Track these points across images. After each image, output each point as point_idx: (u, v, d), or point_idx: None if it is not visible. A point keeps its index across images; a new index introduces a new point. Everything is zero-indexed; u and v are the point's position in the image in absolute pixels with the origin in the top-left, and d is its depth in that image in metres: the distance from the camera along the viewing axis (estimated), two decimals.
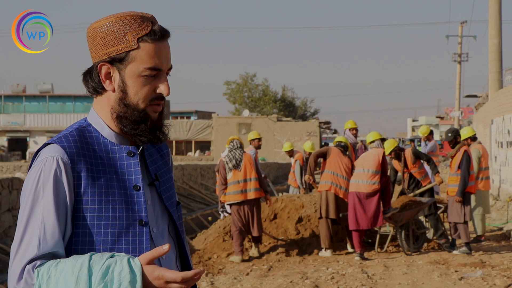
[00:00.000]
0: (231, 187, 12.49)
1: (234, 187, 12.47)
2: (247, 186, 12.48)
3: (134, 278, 2.23)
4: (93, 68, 2.48)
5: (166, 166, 2.70)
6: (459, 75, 52.64)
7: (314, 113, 79.40)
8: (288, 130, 51.11)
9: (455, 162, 12.48)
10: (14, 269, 2.30)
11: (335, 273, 10.95)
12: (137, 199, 2.46)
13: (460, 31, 53.03)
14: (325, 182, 12.95)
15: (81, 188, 2.38)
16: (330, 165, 13.01)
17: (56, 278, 2.23)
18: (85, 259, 2.24)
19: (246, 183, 12.49)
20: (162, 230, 2.57)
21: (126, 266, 2.24)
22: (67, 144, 2.40)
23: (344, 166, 12.89)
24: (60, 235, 2.34)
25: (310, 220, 13.69)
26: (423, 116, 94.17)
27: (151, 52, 2.42)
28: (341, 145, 13.37)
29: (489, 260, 11.81)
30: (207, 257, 12.72)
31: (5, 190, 13.65)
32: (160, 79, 2.46)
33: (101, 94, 2.50)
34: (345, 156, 13.07)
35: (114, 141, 2.50)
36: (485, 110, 28.15)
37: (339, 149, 13.19)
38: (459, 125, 52.15)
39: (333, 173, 12.92)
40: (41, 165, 2.37)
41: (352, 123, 15.49)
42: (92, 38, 2.45)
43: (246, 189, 12.47)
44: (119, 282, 2.21)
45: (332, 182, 12.85)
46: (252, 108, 71.08)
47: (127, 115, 2.45)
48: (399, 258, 12.33)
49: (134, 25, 2.42)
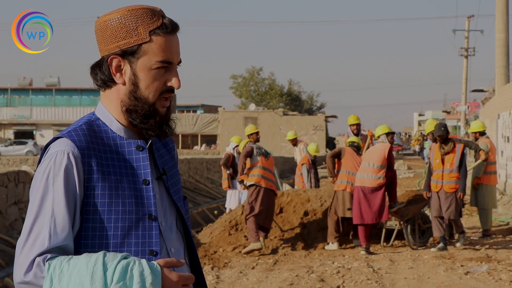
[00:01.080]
0: (259, 170, 12.72)
1: (262, 171, 12.73)
2: (271, 177, 12.84)
3: (155, 280, 2.23)
4: (102, 61, 2.47)
5: (172, 160, 2.70)
6: (466, 70, 52.55)
7: (320, 107, 79.39)
8: (294, 124, 51.11)
9: (451, 158, 12.14)
10: (21, 261, 2.29)
11: (341, 267, 10.95)
12: (146, 193, 2.47)
13: (467, 25, 52.90)
14: (341, 181, 12.98)
15: (92, 182, 2.38)
16: (345, 165, 13.04)
17: (69, 273, 2.21)
18: (99, 256, 2.23)
19: (271, 174, 12.91)
20: (171, 224, 2.58)
21: (147, 267, 2.23)
22: (77, 138, 2.40)
23: (358, 164, 12.90)
24: (70, 229, 2.33)
25: (316, 214, 13.68)
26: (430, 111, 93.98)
27: (163, 45, 2.42)
28: (354, 145, 13.36)
29: (495, 254, 11.79)
30: (212, 250, 12.72)
31: (11, 183, 13.68)
32: (171, 72, 2.47)
33: (110, 87, 2.49)
34: (359, 156, 13.08)
35: (123, 135, 2.50)
36: (491, 104, 28.08)
37: (352, 149, 13.21)
38: (466, 120, 52.03)
39: (348, 172, 12.93)
40: (52, 159, 2.37)
41: (353, 118, 15.38)
42: (102, 31, 2.44)
43: (270, 178, 12.78)
44: (140, 282, 2.21)
45: (348, 181, 12.88)
46: (258, 102, 71.07)
47: (137, 108, 2.45)
48: (405, 252, 12.32)
49: (145, 18, 2.41)
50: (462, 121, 52.61)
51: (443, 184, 12.18)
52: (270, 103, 71.58)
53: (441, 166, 12.22)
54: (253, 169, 12.66)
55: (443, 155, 12.20)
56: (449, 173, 12.18)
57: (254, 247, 12.37)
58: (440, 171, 12.22)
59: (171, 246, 2.53)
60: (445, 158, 12.18)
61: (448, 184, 12.14)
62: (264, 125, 49.90)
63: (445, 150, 12.19)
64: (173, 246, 2.54)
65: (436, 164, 12.27)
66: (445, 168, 12.17)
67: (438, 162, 12.25)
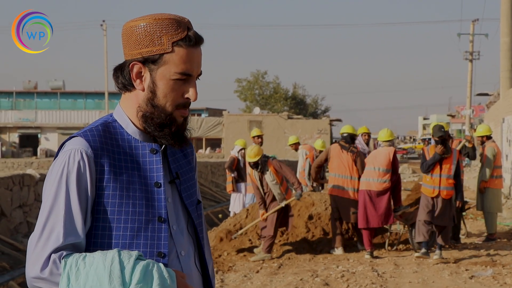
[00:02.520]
0: None
1: None
2: None
3: (173, 284, 2.30)
4: (124, 65, 2.52)
5: (188, 165, 2.73)
6: (471, 73, 52.54)
7: (325, 110, 79.34)
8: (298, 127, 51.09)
9: (448, 163, 11.47)
10: (36, 257, 2.33)
11: (345, 271, 10.93)
12: (158, 196, 2.51)
13: (471, 29, 52.89)
14: (329, 185, 13.05)
15: (103, 182, 2.42)
16: (332, 167, 13.03)
17: (86, 271, 2.25)
18: (114, 254, 2.28)
19: None
20: (182, 227, 2.61)
21: (165, 270, 2.31)
22: (92, 138, 2.45)
23: (345, 163, 12.81)
24: (83, 227, 2.39)
25: (321, 218, 13.68)
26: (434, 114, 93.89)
27: (184, 57, 2.46)
28: (343, 137, 13.19)
29: (500, 259, 11.77)
30: (217, 254, 12.73)
31: (16, 187, 13.70)
32: (190, 84, 2.50)
33: (130, 91, 2.54)
34: (344, 151, 12.91)
35: (138, 138, 2.54)
36: (496, 108, 28.06)
37: (338, 145, 13.06)
38: (470, 123, 51.98)
39: (335, 175, 12.91)
40: (66, 156, 2.42)
41: (364, 128, 15.38)
42: (127, 36, 2.49)
43: None
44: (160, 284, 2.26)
45: (334, 185, 12.85)
46: (263, 105, 71.01)
47: (153, 116, 2.49)
48: (410, 256, 12.30)
49: (170, 29, 2.45)
50: (467, 124, 52.57)
51: (440, 190, 11.48)
52: (275, 106, 71.55)
53: (439, 171, 11.50)
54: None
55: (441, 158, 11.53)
56: (446, 179, 11.52)
57: (264, 258, 12.32)
58: (437, 176, 11.50)
59: (181, 249, 2.57)
60: (443, 162, 11.51)
61: (446, 190, 11.49)
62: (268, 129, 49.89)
63: (445, 154, 11.46)
64: (184, 249, 2.58)
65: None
66: (443, 173, 11.49)
67: (435, 166, 11.56)
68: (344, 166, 12.78)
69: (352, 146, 13.01)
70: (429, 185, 11.55)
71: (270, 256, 12.35)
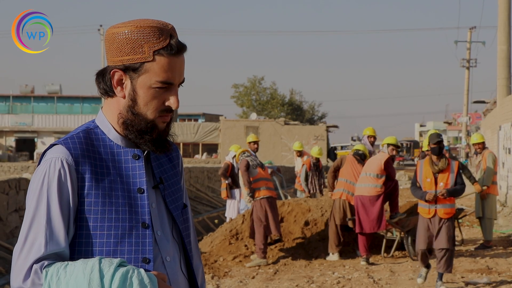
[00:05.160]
0: (262, 182, 12.74)
1: (264, 182, 12.77)
2: (271, 185, 12.95)
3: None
4: (106, 71, 2.51)
5: (173, 169, 2.71)
6: (467, 81, 52.57)
7: (322, 117, 79.33)
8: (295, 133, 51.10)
9: (445, 178, 9.86)
10: (19, 268, 2.32)
11: (341, 278, 10.93)
12: (141, 202, 2.49)
13: (469, 36, 52.95)
14: (338, 189, 13.07)
15: (85, 190, 2.41)
16: (343, 173, 13.13)
17: (66, 280, 2.24)
18: (95, 262, 2.26)
19: (270, 182, 13.01)
20: (167, 233, 2.60)
21: (146, 276, 2.28)
22: (73, 146, 2.44)
23: (357, 172, 12.90)
24: (66, 235, 2.37)
25: (317, 224, 13.68)
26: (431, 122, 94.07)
27: (165, 66, 2.45)
28: (358, 154, 13.31)
29: (495, 266, 11.77)
30: (213, 259, 12.71)
31: (12, 191, 13.69)
32: (171, 92, 2.49)
33: (111, 97, 2.53)
34: (360, 164, 13.05)
35: (120, 144, 2.53)
36: (493, 116, 28.10)
37: (354, 157, 13.20)
38: (467, 131, 52.02)
39: (346, 180, 12.99)
40: (47, 165, 2.41)
41: (371, 130, 15.38)
42: (109, 42, 2.48)
43: (271, 187, 12.89)
44: None
45: (344, 189, 12.91)
46: (259, 111, 71.01)
47: (134, 123, 2.48)
48: (405, 263, 12.30)
49: (152, 37, 2.43)
50: (464, 132, 52.62)
51: (436, 209, 9.87)
52: (272, 112, 71.55)
53: (434, 186, 9.88)
54: (258, 182, 12.66)
55: (436, 173, 9.89)
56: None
57: (260, 263, 12.32)
58: (432, 193, 9.82)
59: (166, 254, 2.55)
60: (438, 176, 9.88)
61: (443, 209, 9.85)
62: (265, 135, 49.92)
63: (439, 167, 9.88)
64: (169, 254, 2.57)
65: (427, 184, 9.91)
66: (438, 189, 9.84)
67: (430, 182, 9.90)
68: (356, 175, 12.87)
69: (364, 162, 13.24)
70: (424, 204, 9.95)
71: (266, 262, 12.34)
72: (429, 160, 9.98)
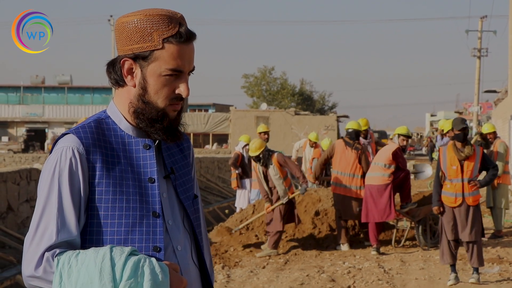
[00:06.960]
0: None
1: None
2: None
3: (165, 278, 2.29)
4: (117, 61, 2.52)
5: (184, 160, 2.72)
6: (478, 70, 52.36)
7: (332, 107, 79.21)
8: (305, 123, 51.02)
9: (471, 165, 9.46)
10: (30, 256, 2.34)
11: (352, 268, 10.93)
12: (152, 191, 2.50)
13: (480, 26, 52.70)
14: (332, 183, 13.14)
15: (96, 179, 2.42)
16: (334, 164, 13.13)
17: (77, 268, 2.25)
18: (106, 251, 2.27)
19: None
20: (178, 222, 2.60)
21: (158, 266, 2.29)
22: (84, 135, 2.45)
23: (349, 161, 12.81)
24: (77, 224, 2.38)
25: (327, 214, 13.67)
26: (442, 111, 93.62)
27: (175, 53, 2.45)
28: (348, 133, 13.23)
29: (506, 256, 11.75)
30: (223, 250, 12.73)
31: (23, 181, 13.74)
32: (181, 80, 2.49)
33: (122, 87, 2.54)
34: (349, 148, 12.93)
35: (131, 133, 2.54)
36: (504, 105, 27.97)
37: (343, 141, 13.11)
38: (478, 120, 51.83)
39: (337, 172, 12.96)
40: (58, 154, 2.42)
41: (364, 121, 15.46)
42: (119, 31, 2.49)
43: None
44: (151, 280, 2.25)
45: (336, 183, 12.89)
46: (270, 101, 70.93)
47: (144, 112, 2.48)
48: (416, 253, 12.29)
49: (161, 25, 2.44)
50: (474, 121, 52.40)
51: (464, 197, 9.43)
52: (282, 102, 71.47)
53: (460, 174, 9.45)
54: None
55: (463, 159, 9.46)
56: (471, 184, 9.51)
57: (271, 253, 12.31)
58: (459, 181, 9.46)
59: (177, 244, 2.56)
60: (464, 164, 9.46)
61: (471, 197, 9.43)
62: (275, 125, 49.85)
63: (465, 153, 9.44)
64: (180, 244, 2.57)
65: (453, 171, 9.47)
66: (465, 176, 9.45)
67: (456, 169, 9.45)
68: (347, 164, 12.80)
69: (357, 142, 13.00)
70: (450, 192, 9.51)
71: (277, 252, 12.35)
72: (453, 146, 9.51)
